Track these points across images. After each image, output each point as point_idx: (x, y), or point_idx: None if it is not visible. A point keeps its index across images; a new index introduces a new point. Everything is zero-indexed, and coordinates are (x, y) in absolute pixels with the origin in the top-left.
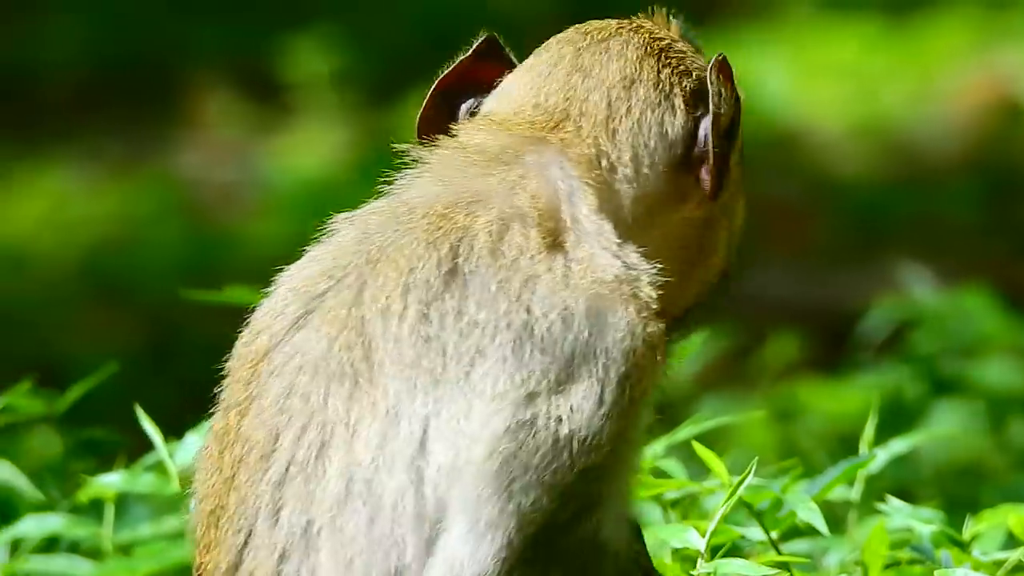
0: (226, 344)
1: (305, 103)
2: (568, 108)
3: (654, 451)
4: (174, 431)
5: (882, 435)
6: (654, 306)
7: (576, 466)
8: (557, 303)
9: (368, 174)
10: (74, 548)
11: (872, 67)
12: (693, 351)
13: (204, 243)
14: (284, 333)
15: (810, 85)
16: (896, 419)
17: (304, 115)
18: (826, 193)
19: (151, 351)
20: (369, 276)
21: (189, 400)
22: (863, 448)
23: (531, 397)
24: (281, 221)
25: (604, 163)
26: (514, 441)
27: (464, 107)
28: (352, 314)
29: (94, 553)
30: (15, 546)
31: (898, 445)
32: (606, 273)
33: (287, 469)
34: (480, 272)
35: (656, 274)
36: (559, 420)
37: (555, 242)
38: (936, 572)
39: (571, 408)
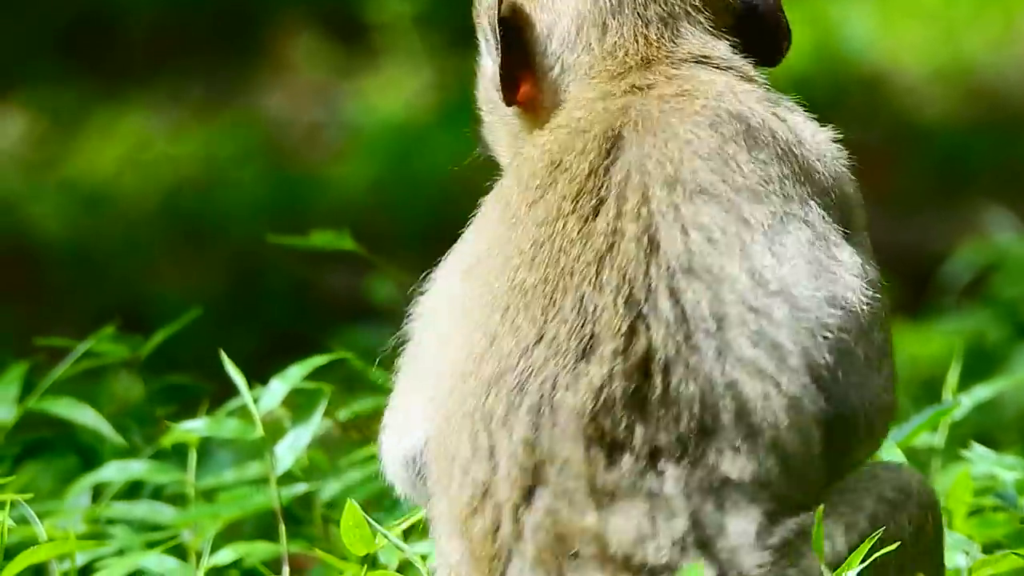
0: (309, 288)
1: (389, 45)
2: (671, 8)
3: None
4: (258, 376)
5: (965, 380)
6: None
7: (884, 299)
8: (828, 157)
9: (451, 116)
10: (157, 494)
11: (956, 10)
12: None
13: (287, 184)
14: (602, 163)
15: (894, 28)
16: (978, 363)
17: (388, 57)
18: (909, 137)
19: (234, 295)
20: (652, 150)
21: (273, 344)
22: (946, 395)
23: (848, 236)
24: (364, 162)
25: (717, 52)
26: (866, 280)
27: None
28: (668, 165)
29: (177, 499)
30: (98, 492)
31: (981, 391)
32: (808, 123)
33: (684, 268)
34: (755, 135)
35: None
36: (869, 254)
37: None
38: (1021, 519)
39: (863, 242)
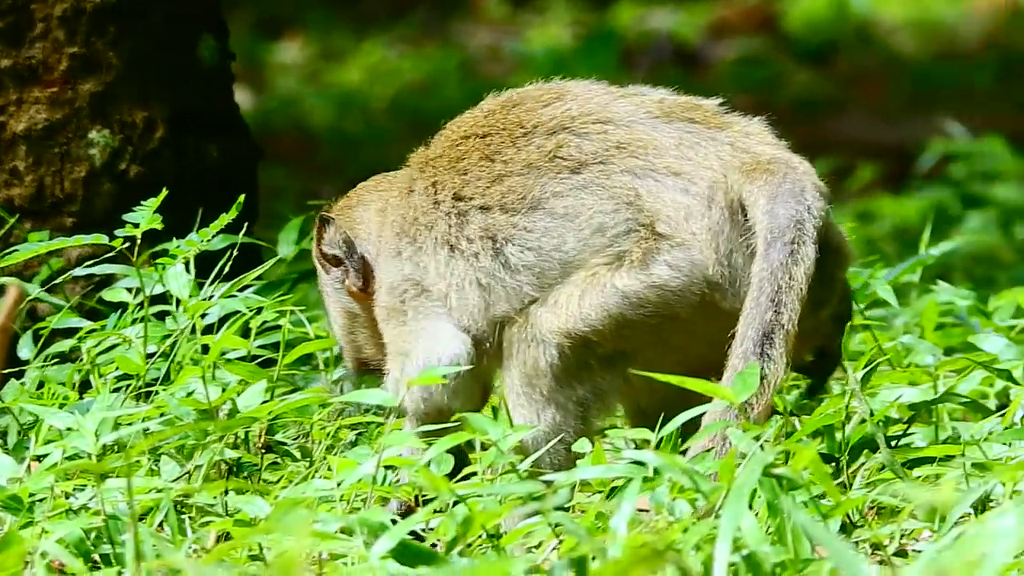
0: None
1: (546, 4)
2: None
3: None
4: None
5: (933, 236)
6: None
7: None
8: None
9: (585, 48)
10: None
11: None
12: None
13: (477, 90)
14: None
15: None
16: (940, 224)
17: (543, 6)
18: (894, 65)
19: None
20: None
21: None
22: (922, 248)
23: None
24: (529, 76)
25: None
26: None
27: None
28: None
29: None
30: None
31: (945, 245)
32: None
33: None
34: None
35: None
36: None
37: None
38: (969, 337)
39: None
